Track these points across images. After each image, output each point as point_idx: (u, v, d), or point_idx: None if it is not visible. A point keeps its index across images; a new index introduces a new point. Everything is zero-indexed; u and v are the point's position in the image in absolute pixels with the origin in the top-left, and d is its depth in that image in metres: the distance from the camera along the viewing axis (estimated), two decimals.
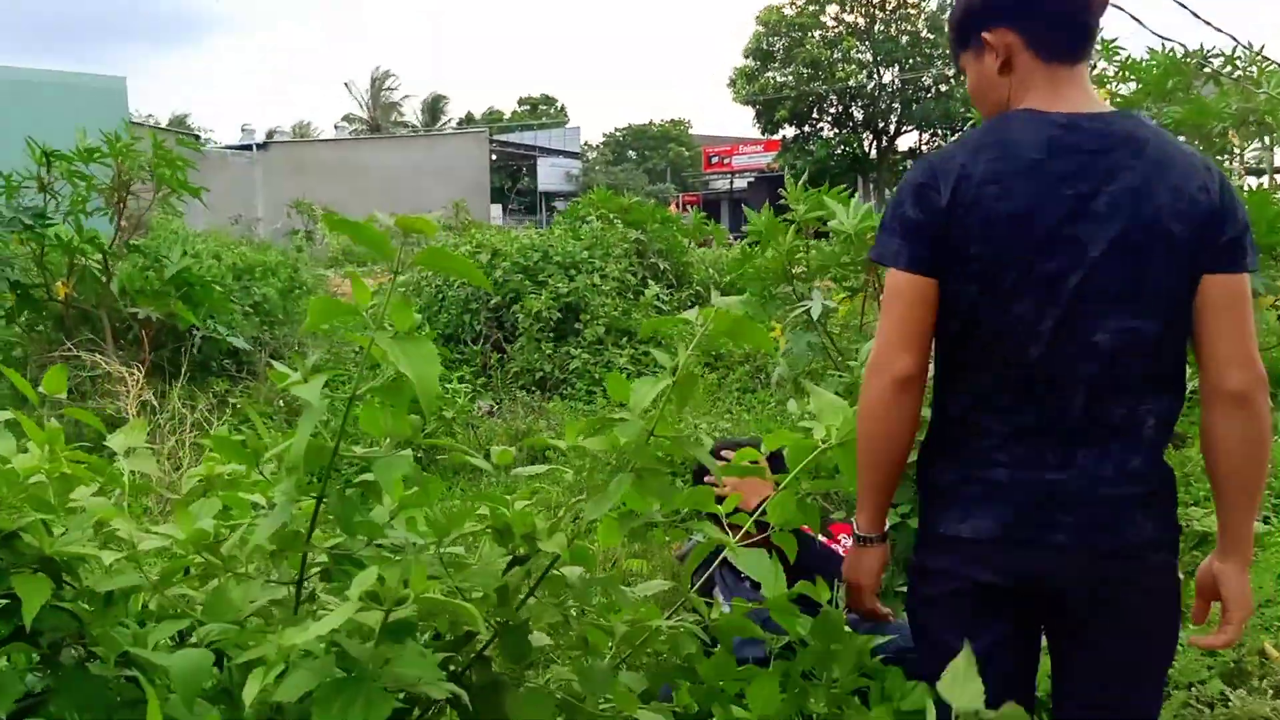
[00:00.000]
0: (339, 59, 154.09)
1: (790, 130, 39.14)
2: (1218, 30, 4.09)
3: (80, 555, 1.68)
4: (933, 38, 36.28)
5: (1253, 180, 5.57)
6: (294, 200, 23.35)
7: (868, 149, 39.02)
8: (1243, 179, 5.12)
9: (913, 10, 37.22)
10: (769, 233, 3.94)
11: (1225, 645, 1.75)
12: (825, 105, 38.54)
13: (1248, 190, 3.96)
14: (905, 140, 39.45)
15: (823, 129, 39.14)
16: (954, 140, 1.79)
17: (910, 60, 37.46)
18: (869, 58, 37.92)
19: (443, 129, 56.68)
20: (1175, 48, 4.47)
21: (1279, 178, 5.43)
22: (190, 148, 6.79)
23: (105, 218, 6.55)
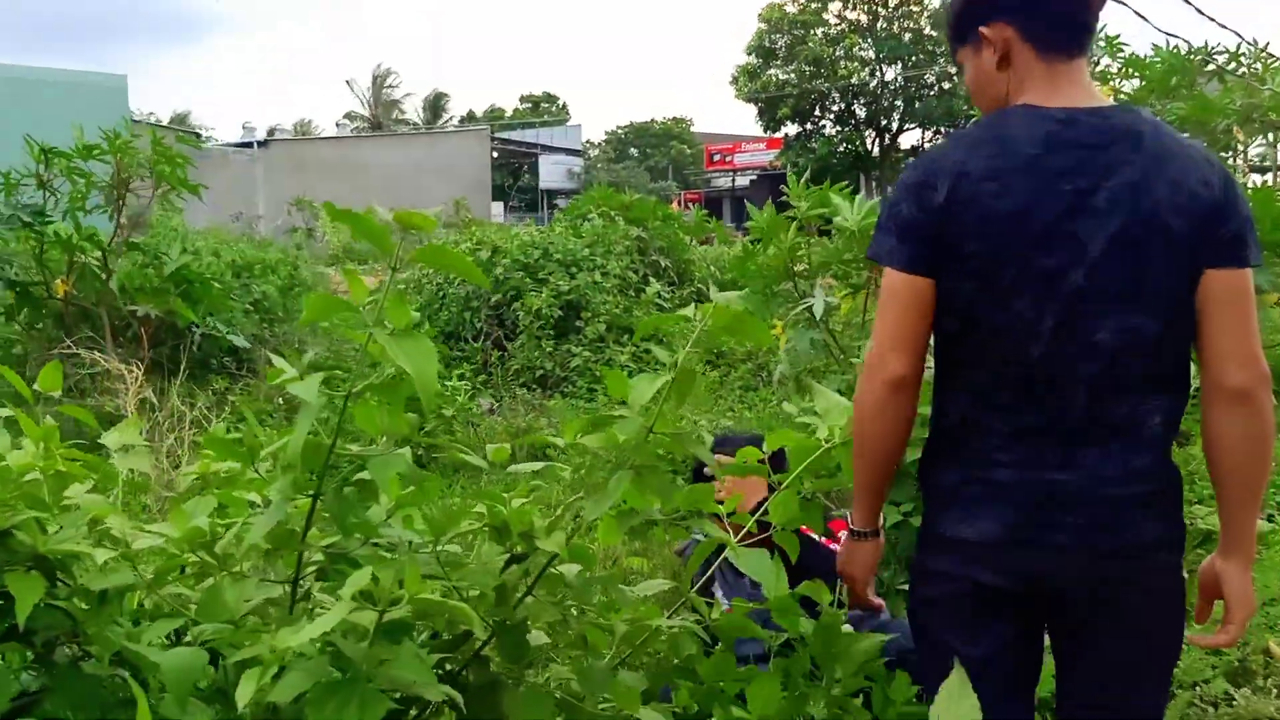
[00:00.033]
0: (339, 59, 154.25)
1: (793, 128, 39.12)
2: (1222, 27, 4.07)
3: (74, 553, 1.66)
4: (936, 35, 36.16)
5: (1257, 178, 5.55)
6: (295, 198, 23.31)
7: (870, 147, 38.98)
8: (1247, 176, 5.10)
9: (915, 7, 37.16)
10: (771, 230, 3.93)
11: (1227, 645, 1.74)
12: (828, 103, 38.49)
13: (1252, 187, 3.95)
14: (908, 138, 39.45)
15: (825, 127, 39.08)
16: (952, 137, 1.76)
17: (913, 57, 37.40)
18: (872, 55, 37.87)
19: (444, 126, 56.66)
20: (1179, 44, 4.46)
21: None
22: (190, 145, 6.75)
23: (105, 215, 6.53)
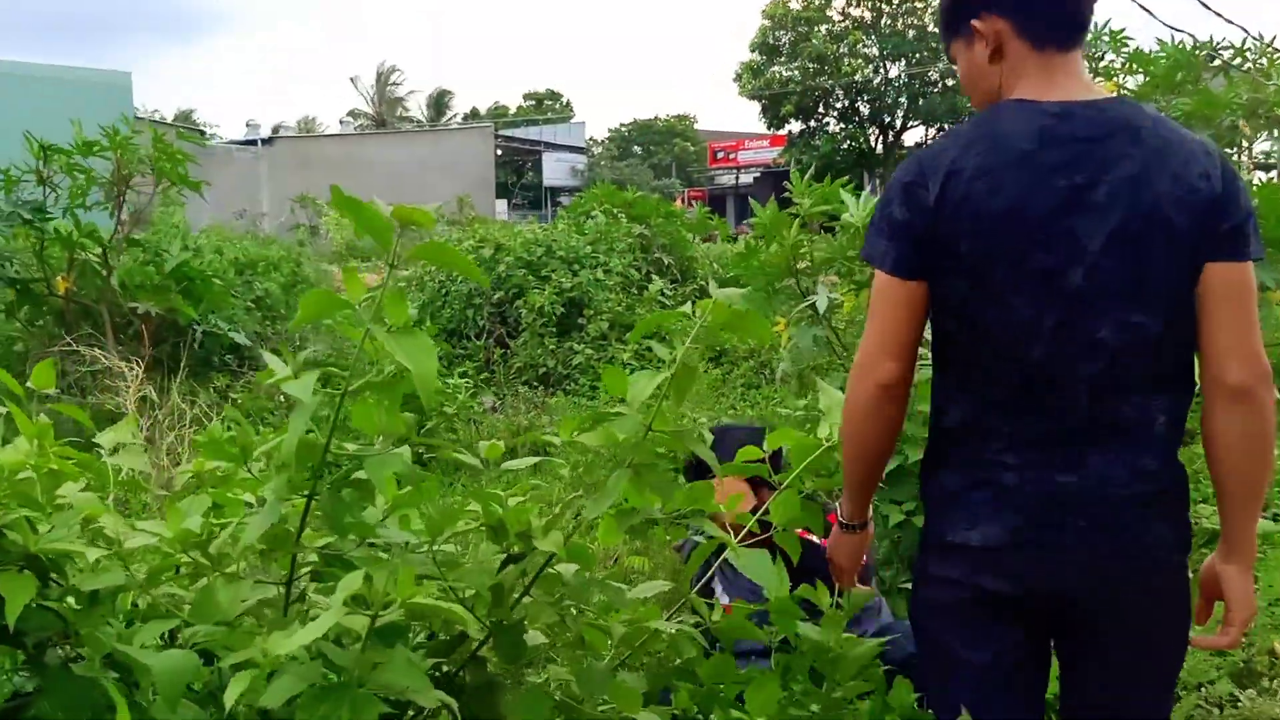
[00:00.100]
0: (339, 59, 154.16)
1: (796, 125, 39.09)
2: (1228, 22, 4.03)
3: (67, 552, 1.64)
4: (939, 31, 36.04)
5: (1262, 175, 5.52)
6: (298, 195, 23.30)
7: (874, 144, 38.93)
8: (1251, 173, 5.07)
9: (919, 4, 37.08)
10: (774, 227, 3.91)
11: (1228, 647, 1.71)
12: (831, 100, 38.44)
13: (1258, 184, 3.92)
14: (911, 135, 39.36)
15: (829, 124, 39.03)
16: (945, 134, 1.73)
17: (917, 55, 37.34)
18: (875, 52, 37.81)
19: (448, 124, 56.62)
20: (1184, 39, 4.43)
21: None
22: (192, 142, 6.73)
23: (105, 212, 6.52)
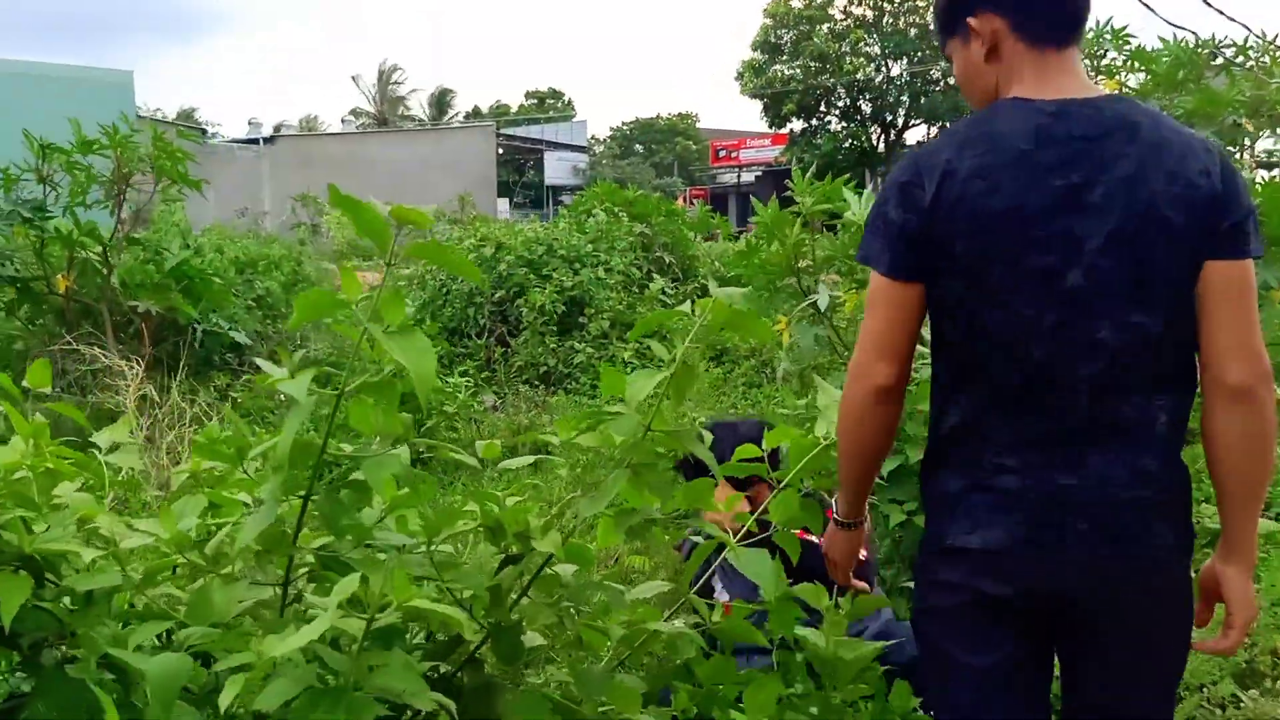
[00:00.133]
0: (340, 59, 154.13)
1: (798, 124, 39.06)
2: (1230, 19, 4.02)
3: (62, 553, 1.64)
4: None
5: (1264, 173, 5.50)
6: (299, 194, 23.26)
7: (875, 142, 38.90)
8: (1254, 172, 5.05)
9: (921, 3, 37.03)
10: (775, 225, 3.90)
11: (1229, 651, 1.69)
12: (833, 98, 38.41)
13: (1261, 182, 3.90)
14: (913, 134, 39.34)
15: (830, 122, 39.02)
16: (940, 134, 1.72)
17: (919, 53, 37.29)
18: (877, 51, 37.78)
19: (450, 123, 56.58)
20: (1187, 37, 4.41)
21: None
22: (192, 140, 6.72)
23: (106, 211, 6.51)
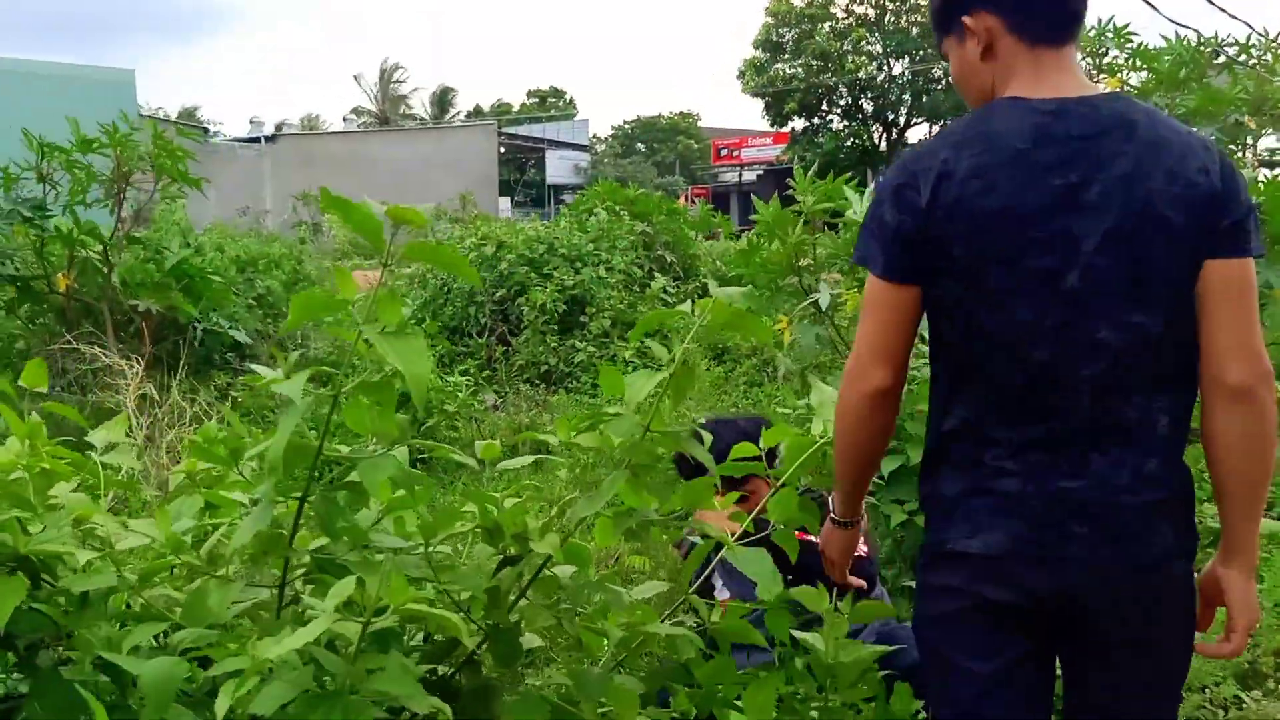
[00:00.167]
0: (340, 58, 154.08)
1: (799, 122, 39.02)
2: (1233, 17, 4.00)
3: (58, 553, 1.63)
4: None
5: (1266, 171, 5.48)
6: (301, 193, 23.22)
7: (877, 141, 38.86)
8: (1256, 170, 5.03)
9: (922, 1, 36.98)
10: (776, 224, 3.89)
11: (1231, 655, 1.67)
12: (835, 97, 38.37)
13: (1263, 181, 3.89)
14: (915, 132, 39.28)
15: (832, 121, 38.97)
16: (936, 134, 1.71)
17: (920, 52, 37.24)
18: (879, 49, 37.73)
19: (451, 122, 56.55)
20: (1189, 36, 4.40)
21: None
22: (192, 139, 6.71)
23: (106, 209, 6.50)
